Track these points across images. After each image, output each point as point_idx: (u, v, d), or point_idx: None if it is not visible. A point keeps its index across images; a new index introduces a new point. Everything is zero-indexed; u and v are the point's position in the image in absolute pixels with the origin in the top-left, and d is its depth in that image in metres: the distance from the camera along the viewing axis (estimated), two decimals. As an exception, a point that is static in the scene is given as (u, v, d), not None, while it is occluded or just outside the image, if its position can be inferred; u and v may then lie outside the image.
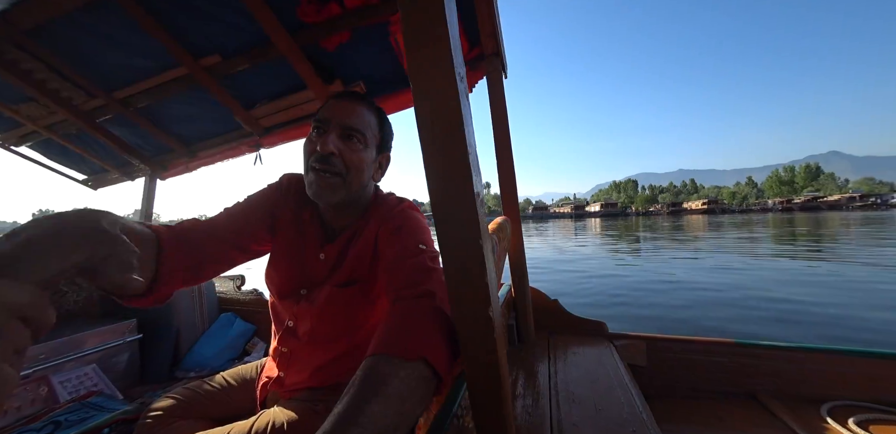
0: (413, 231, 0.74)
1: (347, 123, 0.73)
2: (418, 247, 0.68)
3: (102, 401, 1.17)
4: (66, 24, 1.48)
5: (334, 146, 0.71)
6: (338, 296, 0.78)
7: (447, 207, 0.42)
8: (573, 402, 0.77)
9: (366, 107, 0.78)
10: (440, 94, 0.40)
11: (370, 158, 0.78)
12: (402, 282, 0.61)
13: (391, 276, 0.65)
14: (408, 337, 0.47)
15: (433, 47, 0.39)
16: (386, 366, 0.42)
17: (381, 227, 0.78)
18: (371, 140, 0.77)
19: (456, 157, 0.41)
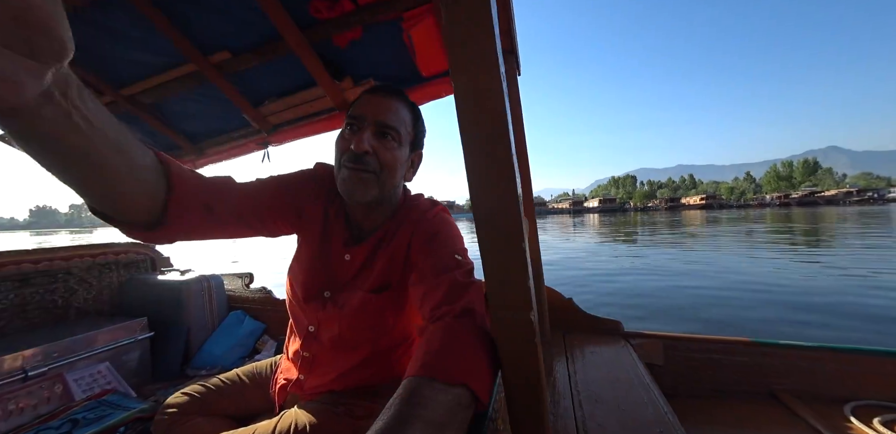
0: (448, 240, 0.73)
1: (383, 120, 0.71)
2: (454, 258, 0.67)
3: (118, 399, 1.18)
4: (75, 20, 1.47)
5: (369, 144, 0.69)
6: (371, 302, 0.76)
7: (489, 211, 0.41)
8: (596, 401, 0.77)
9: (401, 102, 0.76)
10: (483, 93, 0.40)
11: (404, 157, 0.76)
12: (440, 298, 0.59)
13: (428, 290, 0.63)
14: (451, 361, 0.46)
15: (477, 43, 0.39)
16: (428, 389, 0.42)
17: (415, 232, 0.76)
18: (405, 137, 0.75)
19: (499, 159, 0.40)
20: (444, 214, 0.81)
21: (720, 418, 0.90)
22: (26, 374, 1.20)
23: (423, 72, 1.46)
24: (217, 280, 1.89)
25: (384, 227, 0.80)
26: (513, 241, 0.41)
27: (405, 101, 0.77)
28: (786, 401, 0.92)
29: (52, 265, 1.67)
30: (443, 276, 0.63)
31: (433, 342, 0.50)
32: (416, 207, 0.82)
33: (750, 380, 0.97)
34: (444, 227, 0.75)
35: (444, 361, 0.45)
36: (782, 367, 0.95)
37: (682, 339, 1.07)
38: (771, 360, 0.96)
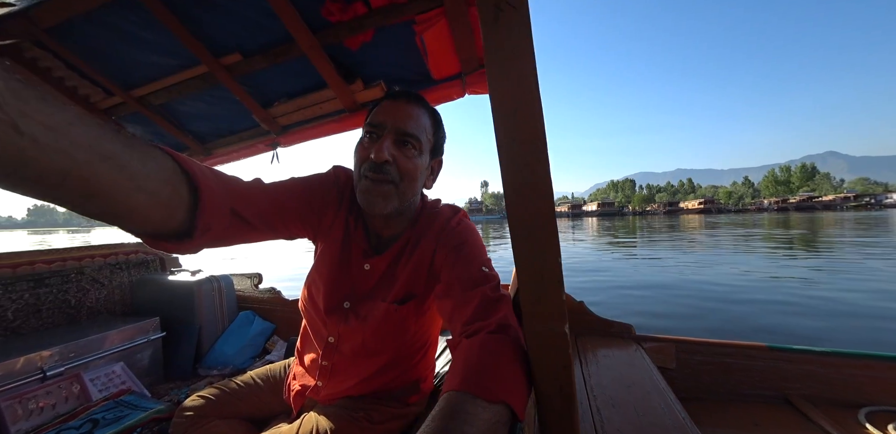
0: (474, 251, 0.72)
1: (403, 128, 0.69)
2: (482, 271, 0.66)
3: (135, 399, 1.19)
4: (88, 22, 1.47)
5: (389, 153, 0.67)
6: (395, 313, 0.75)
7: (527, 228, 0.42)
8: (612, 406, 0.78)
9: (422, 109, 0.73)
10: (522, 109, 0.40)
11: (424, 165, 0.74)
12: (471, 314, 0.59)
13: (458, 305, 0.62)
14: (491, 378, 0.46)
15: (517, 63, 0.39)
16: (471, 406, 0.42)
17: (439, 243, 0.74)
18: (426, 145, 0.73)
19: (538, 176, 0.41)
20: (467, 221, 0.80)
21: (734, 422, 0.91)
22: (45, 374, 1.21)
23: (435, 74, 1.46)
24: (227, 280, 1.90)
25: (404, 236, 0.79)
26: (549, 256, 0.42)
27: (426, 107, 0.75)
28: (800, 406, 0.93)
29: (64, 265, 1.68)
30: (473, 292, 0.62)
31: (471, 358, 0.49)
32: (438, 215, 0.81)
33: (763, 384, 0.98)
34: (468, 236, 0.74)
35: (485, 378, 0.46)
36: (796, 371, 0.96)
37: (695, 343, 1.07)
38: (785, 365, 0.97)
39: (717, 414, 0.95)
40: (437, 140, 0.77)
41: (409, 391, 0.90)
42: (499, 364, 0.48)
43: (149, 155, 0.41)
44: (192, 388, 1.50)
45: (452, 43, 1.34)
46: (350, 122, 1.74)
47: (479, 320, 0.57)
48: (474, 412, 0.41)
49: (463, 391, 0.44)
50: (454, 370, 0.49)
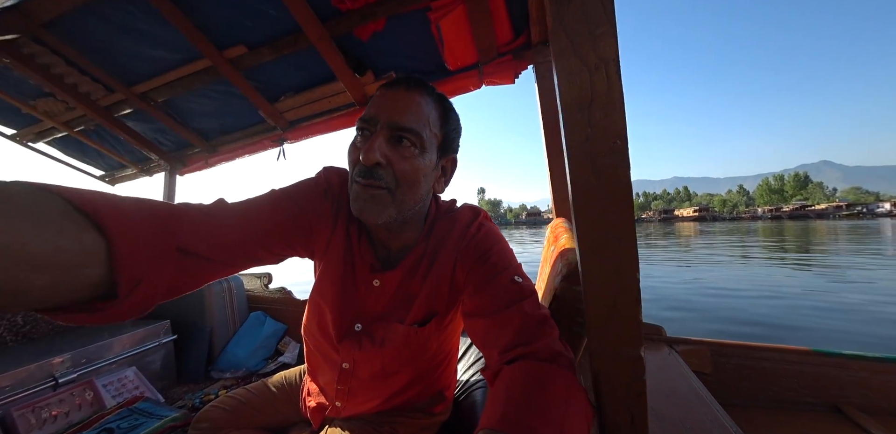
0: (502, 260, 0.61)
1: (398, 122, 0.56)
2: (515, 283, 0.57)
3: (149, 406, 1.16)
4: (86, 15, 1.41)
5: (381, 155, 0.54)
6: (417, 336, 0.67)
7: (598, 238, 0.37)
8: (657, 419, 0.74)
9: (424, 96, 0.59)
10: (599, 99, 0.34)
11: (428, 166, 0.60)
12: (511, 337, 0.50)
13: (492, 327, 0.54)
14: (537, 417, 0.37)
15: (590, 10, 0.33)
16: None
17: (460, 253, 0.64)
18: (430, 141, 0.59)
19: (615, 176, 0.35)
20: (489, 225, 0.70)
21: (780, 432, 0.86)
22: (57, 382, 1.18)
23: (450, 65, 1.39)
24: (237, 281, 1.87)
25: (418, 248, 0.68)
26: (626, 271, 0.36)
27: (430, 94, 0.61)
28: (852, 415, 0.87)
29: (72, 268, 1.65)
30: (509, 310, 0.53)
31: (514, 390, 0.41)
32: (455, 221, 0.69)
33: (809, 391, 0.92)
34: (493, 243, 0.64)
35: (530, 416, 0.37)
36: (848, 379, 0.90)
37: (732, 346, 1.02)
38: (835, 372, 0.91)
39: (760, 422, 0.90)
40: (448, 134, 0.63)
41: (434, 402, 0.85)
42: (549, 399, 0.39)
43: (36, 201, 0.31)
44: (206, 392, 1.47)
45: (470, 31, 1.27)
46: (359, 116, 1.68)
47: (521, 346, 0.48)
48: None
49: (501, 430, 0.36)
50: (494, 403, 0.41)
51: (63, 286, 0.31)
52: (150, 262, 0.39)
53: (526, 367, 0.44)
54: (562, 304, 0.55)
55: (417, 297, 0.66)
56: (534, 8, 1.15)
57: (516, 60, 1.32)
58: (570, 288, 0.55)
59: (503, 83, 1.37)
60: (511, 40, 1.29)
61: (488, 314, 0.55)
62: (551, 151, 1.19)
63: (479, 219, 0.69)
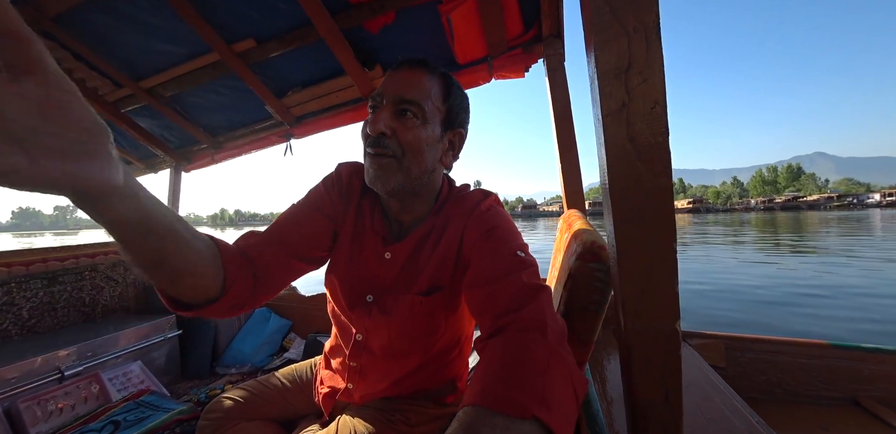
0: (507, 235, 0.63)
1: (400, 95, 0.60)
2: (516, 255, 0.58)
3: (156, 400, 1.15)
4: (95, 9, 1.41)
5: (385, 125, 0.59)
6: (420, 306, 0.68)
7: (633, 205, 0.36)
8: None
9: (426, 73, 0.63)
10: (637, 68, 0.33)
11: (432, 136, 0.63)
12: (502, 305, 0.50)
13: (488, 296, 0.54)
14: (517, 387, 0.37)
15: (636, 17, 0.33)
16: (488, 426, 0.34)
17: (467, 228, 0.66)
18: (432, 113, 0.63)
19: (654, 144, 0.34)
20: (498, 207, 0.71)
21: (799, 425, 0.84)
22: (62, 374, 1.17)
23: (460, 59, 1.39)
24: (243, 276, 1.86)
25: (428, 222, 0.71)
26: (662, 240, 0.36)
27: (432, 71, 0.65)
28: (872, 408, 0.85)
29: (78, 263, 1.64)
30: (506, 279, 0.53)
31: (494, 362, 0.41)
32: (465, 199, 0.72)
33: (827, 385, 0.91)
34: (500, 221, 0.66)
35: (508, 388, 0.37)
36: (868, 372, 0.89)
37: (746, 340, 1.01)
38: (853, 365, 0.89)
39: (778, 416, 0.88)
40: (451, 108, 0.66)
41: (445, 391, 0.84)
42: (529, 369, 0.39)
43: (203, 243, 0.51)
44: (211, 388, 1.45)
45: (480, 24, 1.26)
46: (367, 111, 1.68)
47: (512, 312, 0.48)
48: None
49: (480, 406, 0.36)
50: (476, 378, 0.40)
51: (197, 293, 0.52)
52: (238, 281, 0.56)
53: (507, 340, 0.44)
54: (577, 283, 0.54)
55: (424, 268, 0.69)
56: (546, 1, 1.15)
57: (526, 54, 1.31)
58: (584, 265, 0.54)
59: (513, 77, 1.37)
60: (521, 33, 1.28)
61: (485, 283, 0.56)
62: (563, 144, 1.18)
63: (489, 199, 0.71)
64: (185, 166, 2.28)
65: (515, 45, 1.31)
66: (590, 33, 0.36)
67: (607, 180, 0.37)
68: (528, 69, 1.34)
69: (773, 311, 4.04)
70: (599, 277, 0.51)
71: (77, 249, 1.67)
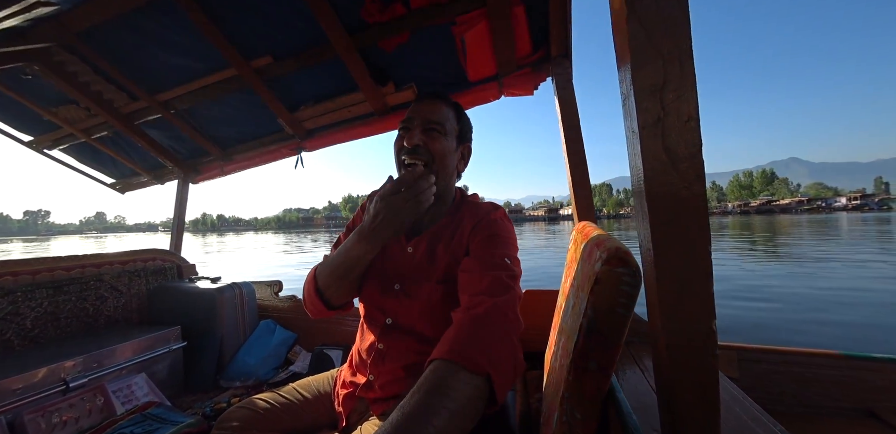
0: (504, 243, 0.77)
1: (428, 118, 0.81)
2: (504, 260, 0.72)
3: (163, 412, 1.13)
4: (119, 26, 1.47)
5: (419, 138, 0.79)
6: (437, 292, 0.80)
7: (670, 211, 0.38)
8: None
9: (443, 103, 0.86)
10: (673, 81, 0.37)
11: (451, 147, 0.84)
12: (480, 289, 0.65)
13: (471, 280, 0.69)
14: (480, 350, 0.51)
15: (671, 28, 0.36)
16: (453, 379, 0.47)
17: (476, 229, 0.80)
18: (451, 130, 0.84)
19: (687, 146, 0.37)
20: (506, 220, 0.84)
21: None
22: (67, 386, 1.15)
23: (471, 76, 1.45)
24: (248, 288, 1.84)
25: (443, 221, 0.87)
26: (697, 243, 0.38)
27: (447, 101, 0.87)
28: (887, 418, 0.85)
29: (83, 272, 1.63)
30: (489, 272, 0.68)
31: (463, 329, 0.55)
32: (479, 207, 0.87)
33: (841, 396, 0.91)
34: (503, 230, 0.80)
35: (473, 350, 0.51)
36: (882, 382, 0.89)
37: (758, 351, 1.02)
38: (867, 375, 0.90)
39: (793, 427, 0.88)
40: (462, 126, 0.87)
41: None
42: (488, 338, 0.54)
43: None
44: (216, 401, 1.42)
45: (491, 45, 1.33)
46: (379, 126, 1.72)
47: (484, 295, 0.63)
48: (456, 386, 0.46)
49: (449, 360, 0.49)
50: (446, 338, 0.55)
51: (351, 294, 0.86)
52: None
53: (477, 316, 0.59)
54: (604, 287, 0.56)
55: (440, 261, 0.82)
56: (554, 24, 1.21)
57: (535, 73, 1.37)
58: (611, 270, 0.56)
59: (522, 94, 1.43)
60: (530, 54, 1.35)
61: (472, 270, 0.71)
62: (573, 159, 1.22)
63: (499, 212, 0.86)
64: (193, 178, 2.30)
65: (524, 64, 1.37)
66: (625, 54, 0.40)
67: (643, 188, 0.39)
68: (537, 87, 1.40)
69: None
70: (627, 281, 0.53)
71: (83, 259, 1.66)
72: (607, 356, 0.58)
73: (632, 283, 0.55)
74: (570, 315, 0.83)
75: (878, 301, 4.46)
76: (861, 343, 3.16)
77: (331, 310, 0.85)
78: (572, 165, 1.23)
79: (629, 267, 0.55)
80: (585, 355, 0.61)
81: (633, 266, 0.56)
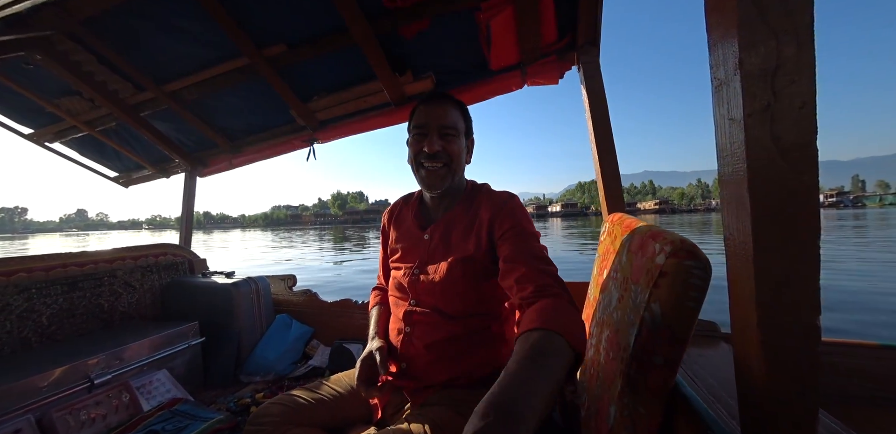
0: (528, 230, 0.84)
1: (443, 124, 0.88)
2: (541, 253, 0.80)
3: (191, 409, 1.12)
4: (126, 12, 1.40)
5: (439, 145, 0.87)
6: (456, 268, 0.86)
7: (776, 200, 0.37)
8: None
9: (453, 105, 0.91)
10: (787, 65, 0.34)
11: (462, 145, 0.92)
12: (545, 283, 0.72)
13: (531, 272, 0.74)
14: (565, 322, 0.59)
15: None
16: (549, 343, 0.54)
17: (497, 219, 0.86)
18: (460, 130, 0.91)
19: (798, 145, 0.35)
20: (523, 208, 0.90)
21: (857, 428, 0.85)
22: (92, 383, 1.13)
23: (493, 65, 1.41)
24: (263, 282, 1.82)
25: (456, 208, 0.95)
26: (805, 236, 0.36)
27: (455, 102, 0.93)
28: None
29: (97, 268, 1.60)
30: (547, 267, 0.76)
31: (547, 307, 0.63)
32: (495, 196, 0.93)
33: (884, 386, 0.92)
34: (523, 219, 0.86)
35: (560, 321, 0.59)
36: None
37: None
38: None
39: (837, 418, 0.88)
40: (468, 124, 0.95)
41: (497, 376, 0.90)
42: (569, 314, 0.63)
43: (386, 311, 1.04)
44: (238, 396, 1.41)
45: (515, 32, 1.29)
46: (394, 117, 1.68)
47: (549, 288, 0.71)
48: (554, 350, 0.53)
49: (545, 329, 0.56)
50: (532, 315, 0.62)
51: None
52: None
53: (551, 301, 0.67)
54: (671, 280, 0.55)
55: (457, 243, 0.90)
56: (583, 9, 1.17)
57: (560, 61, 1.34)
58: (679, 263, 0.55)
59: (547, 83, 1.39)
60: (555, 41, 1.31)
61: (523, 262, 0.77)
62: (602, 150, 1.20)
63: (515, 200, 0.92)
64: (200, 171, 2.26)
65: (549, 52, 1.34)
66: (726, 34, 0.38)
67: (746, 177, 0.37)
68: (563, 76, 1.37)
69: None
70: (697, 274, 0.53)
71: (96, 255, 1.63)
72: (675, 351, 0.56)
73: (702, 277, 0.54)
74: (614, 307, 0.81)
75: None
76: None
77: None
78: (601, 157, 1.20)
79: (699, 260, 0.54)
80: (650, 350, 0.60)
81: (703, 259, 0.54)
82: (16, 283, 1.34)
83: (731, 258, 0.45)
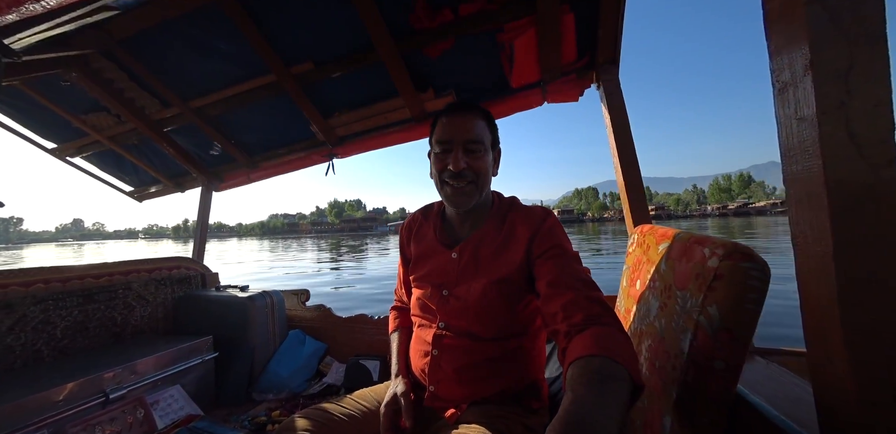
0: (570, 251, 0.80)
1: (469, 138, 0.81)
2: (586, 276, 0.74)
3: (208, 426, 1.08)
4: (164, 32, 1.47)
5: (464, 162, 0.80)
6: (491, 290, 0.81)
7: (854, 196, 0.37)
8: (802, 424, 0.69)
9: (478, 116, 0.84)
10: (860, 67, 0.36)
11: (489, 159, 0.85)
12: (589, 314, 0.66)
13: (577, 298, 0.69)
14: (622, 352, 0.54)
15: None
16: (614, 370, 0.50)
17: (536, 239, 0.81)
18: (487, 143, 0.85)
19: (875, 142, 0.36)
20: (559, 226, 0.85)
21: None
22: (107, 398, 1.09)
23: (514, 82, 1.45)
24: (278, 296, 1.79)
25: (486, 226, 0.88)
26: (889, 233, 0.36)
27: (480, 112, 0.85)
28: None
29: (112, 280, 1.58)
30: (593, 293, 0.70)
31: (602, 335, 0.58)
32: (531, 210, 0.88)
33: None
34: (563, 239, 0.81)
35: (617, 349, 0.54)
36: None
37: None
38: None
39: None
40: (494, 134, 0.88)
41: (530, 393, 0.88)
42: (623, 343, 0.58)
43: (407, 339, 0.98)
44: (252, 415, 1.36)
45: (536, 51, 1.34)
46: (414, 133, 1.72)
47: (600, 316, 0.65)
48: (619, 377, 0.49)
49: (604, 356, 0.52)
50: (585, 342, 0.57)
51: None
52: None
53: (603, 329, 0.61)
54: (728, 283, 0.55)
55: (490, 262, 0.84)
56: (604, 29, 1.23)
57: (580, 79, 1.38)
58: (735, 266, 0.55)
59: (567, 101, 1.44)
60: (575, 60, 1.36)
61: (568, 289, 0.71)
62: (625, 163, 1.22)
63: (552, 217, 0.87)
64: (217, 185, 2.28)
65: (569, 70, 1.39)
66: (795, 38, 0.39)
67: (823, 173, 0.38)
68: (582, 94, 1.41)
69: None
70: (755, 276, 0.53)
71: (111, 267, 1.62)
72: (737, 354, 0.55)
73: (761, 279, 0.54)
74: (654, 316, 0.80)
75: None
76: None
77: None
78: (625, 171, 1.22)
79: (756, 262, 0.54)
80: (709, 354, 0.58)
81: (760, 261, 0.54)
82: (34, 295, 1.32)
83: (802, 257, 0.44)
